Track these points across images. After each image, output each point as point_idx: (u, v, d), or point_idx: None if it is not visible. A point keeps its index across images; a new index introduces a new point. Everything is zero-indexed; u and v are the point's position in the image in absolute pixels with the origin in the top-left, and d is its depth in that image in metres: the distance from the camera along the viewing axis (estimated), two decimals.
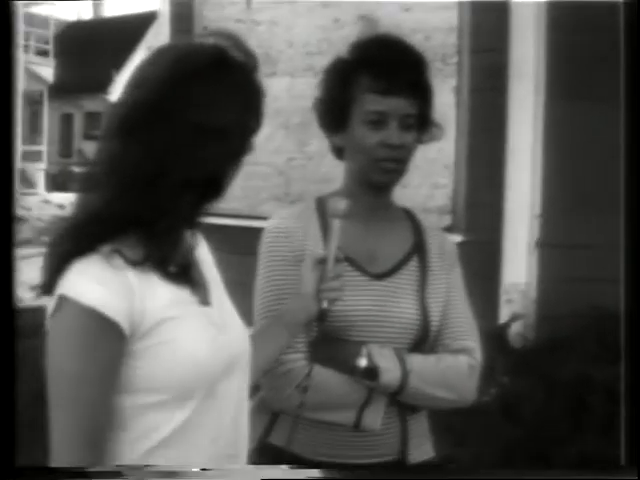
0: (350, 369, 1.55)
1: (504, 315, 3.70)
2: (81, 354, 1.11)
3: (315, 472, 1.35)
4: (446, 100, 3.81)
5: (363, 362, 1.54)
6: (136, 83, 1.19)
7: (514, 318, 3.65)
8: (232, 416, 1.25)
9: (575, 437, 3.04)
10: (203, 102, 1.15)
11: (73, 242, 1.14)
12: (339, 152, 1.66)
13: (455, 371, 1.60)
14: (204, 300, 1.25)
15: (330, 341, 1.56)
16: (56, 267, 1.14)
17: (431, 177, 3.89)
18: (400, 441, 1.61)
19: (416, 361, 1.57)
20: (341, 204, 1.50)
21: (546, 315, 3.67)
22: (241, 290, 1.54)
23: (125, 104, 1.18)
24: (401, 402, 1.59)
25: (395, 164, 1.58)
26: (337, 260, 1.48)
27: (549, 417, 3.14)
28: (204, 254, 1.33)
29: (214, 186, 1.19)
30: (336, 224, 1.49)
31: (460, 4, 3.88)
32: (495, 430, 3.15)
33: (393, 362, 1.55)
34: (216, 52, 1.19)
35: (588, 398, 3.10)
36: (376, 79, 1.55)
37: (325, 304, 1.47)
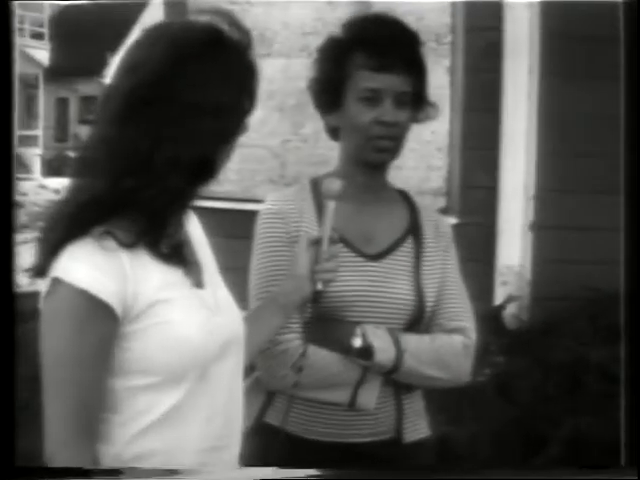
0: (345, 349, 1.57)
1: (499, 297, 3.72)
2: (74, 336, 1.11)
3: (313, 472, 1.36)
4: (440, 81, 3.80)
5: (358, 342, 1.56)
6: (130, 65, 1.18)
7: (509, 300, 3.66)
8: (225, 398, 1.26)
9: (569, 417, 3.06)
10: (197, 81, 1.15)
11: (66, 226, 1.14)
12: (334, 132, 1.66)
13: (449, 350, 1.62)
14: (197, 282, 1.25)
15: (325, 321, 1.58)
16: (50, 250, 1.14)
17: (426, 159, 3.89)
18: (395, 420, 1.62)
19: (411, 341, 1.59)
20: (335, 185, 1.51)
21: (540, 296, 3.68)
22: (236, 274, 1.54)
23: (119, 87, 1.17)
24: (396, 381, 1.60)
25: (389, 142, 1.59)
26: (332, 241, 1.49)
27: (544, 397, 3.16)
28: (198, 236, 1.34)
29: (208, 166, 1.19)
30: (331, 205, 1.50)
31: None
32: (490, 410, 3.17)
33: (387, 342, 1.56)
34: (210, 31, 1.18)
35: (582, 378, 3.12)
36: (370, 56, 1.56)
37: (319, 285, 1.47)
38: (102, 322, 1.12)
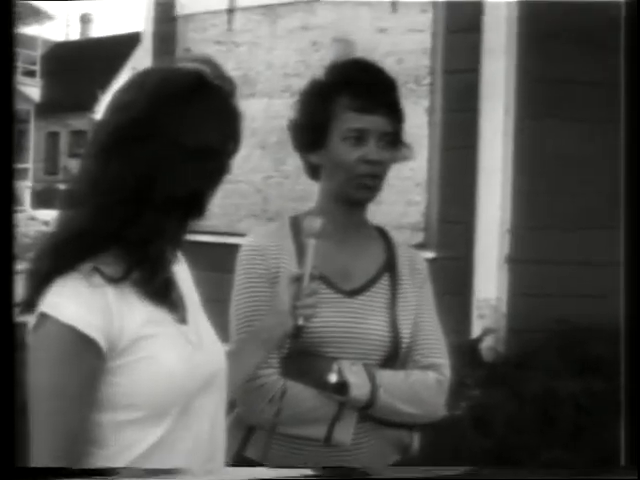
0: (321, 384, 1.58)
1: (476, 330, 3.74)
2: (60, 370, 1.13)
3: (309, 472, 1.39)
4: (419, 120, 3.88)
5: (334, 377, 1.58)
6: (119, 105, 1.21)
7: (486, 332, 3.69)
8: (208, 432, 1.27)
9: (543, 450, 3.09)
10: (183, 124, 1.18)
11: (54, 260, 1.16)
12: (314, 171, 1.70)
13: (423, 386, 1.64)
14: (181, 318, 1.26)
15: (302, 356, 1.60)
16: (37, 283, 1.16)
17: (405, 195, 3.94)
18: (370, 456, 1.63)
19: (385, 376, 1.61)
20: (316, 223, 1.55)
21: (516, 329, 3.72)
22: (219, 306, 1.58)
23: (108, 125, 1.20)
24: (373, 418, 1.62)
25: (373, 180, 1.63)
26: (312, 278, 1.51)
27: (518, 429, 3.19)
28: (183, 272, 1.35)
29: (194, 206, 1.22)
30: (311, 243, 1.53)
31: (433, 26, 3.97)
32: (466, 442, 3.19)
33: (363, 377, 1.58)
34: (195, 76, 1.22)
35: (554, 411, 3.16)
36: (355, 98, 1.61)
37: (301, 321, 1.50)
38: (88, 357, 1.14)
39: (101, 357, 1.15)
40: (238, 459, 1.61)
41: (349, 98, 1.62)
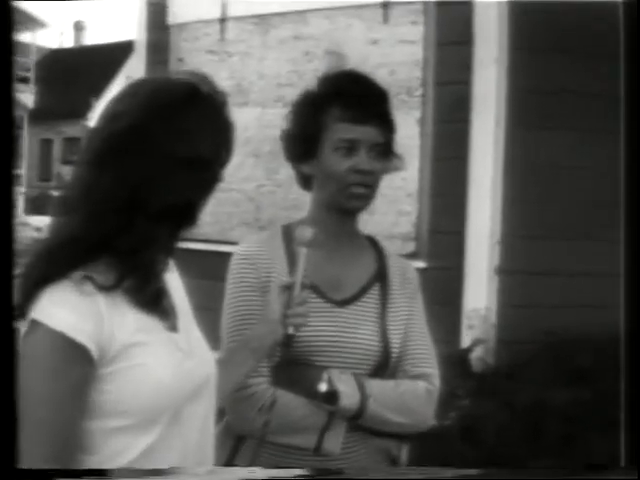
0: (311, 393, 1.59)
1: (466, 340, 3.76)
2: (50, 377, 1.13)
3: (304, 471, 1.39)
4: (411, 131, 3.91)
5: (323, 387, 1.58)
6: (112, 114, 1.22)
7: (475, 343, 3.70)
8: (197, 440, 1.28)
9: (532, 460, 3.09)
10: (175, 134, 1.19)
11: (45, 267, 1.17)
12: (306, 182, 1.71)
13: (413, 396, 1.64)
14: (172, 326, 1.27)
15: (293, 366, 1.60)
16: (29, 290, 1.17)
17: (396, 205, 3.96)
18: (360, 466, 1.63)
19: (375, 386, 1.61)
20: (307, 232, 1.56)
21: (505, 340, 3.73)
22: (211, 314, 1.58)
23: (101, 133, 1.21)
24: (362, 427, 1.62)
25: (365, 189, 1.64)
26: (303, 286, 1.52)
27: (508, 440, 3.20)
28: (175, 280, 1.36)
29: (187, 214, 1.23)
30: (303, 251, 1.54)
31: (425, 38, 4.00)
32: (455, 452, 3.20)
33: (352, 387, 1.58)
34: (188, 87, 1.24)
35: (543, 421, 3.16)
36: (347, 109, 1.63)
37: (291, 329, 1.50)
38: (79, 364, 1.14)
39: (92, 364, 1.16)
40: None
41: (340, 109, 1.63)
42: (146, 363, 1.19)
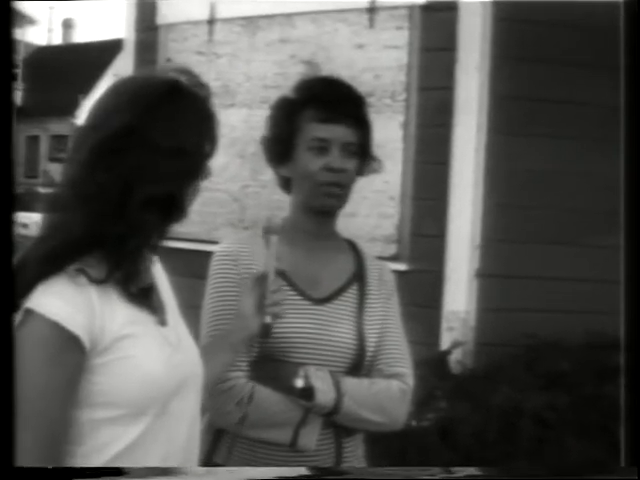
0: (287, 389, 1.61)
1: (445, 342, 3.78)
2: (44, 366, 1.15)
3: (304, 470, 1.41)
4: (394, 134, 3.94)
5: (300, 383, 1.61)
6: (101, 110, 1.25)
7: (455, 345, 3.73)
8: (184, 434, 1.30)
9: (506, 463, 3.13)
10: (159, 127, 1.22)
11: (41, 266, 1.18)
12: (285, 184, 1.75)
13: (387, 395, 1.67)
14: (161, 321, 1.30)
15: (270, 361, 1.63)
16: (24, 290, 1.18)
17: (378, 207, 3.97)
18: (334, 463, 1.66)
19: (350, 384, 1.64)
20: (276, 220, 1.60)
21: (483, 342, 3.76)
22: (196, 312, 1.62)
23: (90, 130, 1.24)
24: (337, 424, 1.65)
25: (337, 188, 1.67)
26: (277, 273, 1.55)
27: (483, 442, 3.23)
28: (161, 277, 1.38)
29: (175, 206, 1.25)
30: (273, 239, 1.58)
31: (409, 43, 4.04)
32: (432, 454, 3.23)
33: (328, 384, 1.61)
34: (171, 83, 1.28)
35: (518, 423, 3.20)
36: (319, 110, 1.67)
37: (268, 319, 1.52)
38: (71, 354, 1.16)
39: (83, 355, 1.17)
40: (208, 463, 1.64)
41: (314, 110, 1.67)
42: (136, 355, 1.21)
